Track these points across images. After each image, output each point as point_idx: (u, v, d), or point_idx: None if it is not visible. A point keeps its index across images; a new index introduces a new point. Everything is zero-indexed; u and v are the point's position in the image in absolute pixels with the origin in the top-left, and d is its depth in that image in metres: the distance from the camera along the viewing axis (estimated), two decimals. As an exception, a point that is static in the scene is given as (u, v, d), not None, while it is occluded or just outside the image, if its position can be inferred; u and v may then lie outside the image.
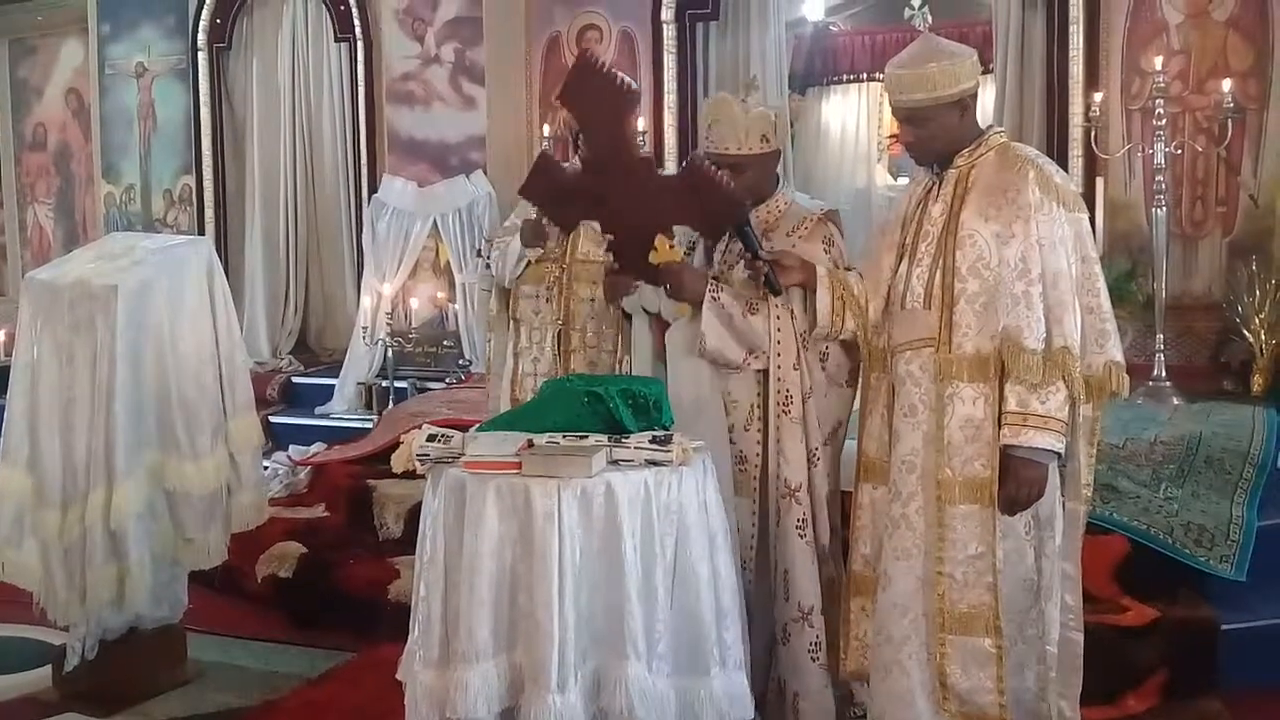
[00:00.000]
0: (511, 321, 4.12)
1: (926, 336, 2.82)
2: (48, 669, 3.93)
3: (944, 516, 2.78)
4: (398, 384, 6.95)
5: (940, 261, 2.81)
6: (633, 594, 2.54)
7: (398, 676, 2.74)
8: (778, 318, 3.05)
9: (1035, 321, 2.70)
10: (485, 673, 2.54)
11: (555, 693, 2.48)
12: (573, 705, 2.50)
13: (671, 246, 3.09)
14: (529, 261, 4.04)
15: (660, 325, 3.25)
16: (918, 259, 2.86)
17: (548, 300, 4.01)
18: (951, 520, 2.77)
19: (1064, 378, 2.68)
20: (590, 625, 2.55)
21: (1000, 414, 2.73)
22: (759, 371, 3.11)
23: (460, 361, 7.27)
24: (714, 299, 3.06)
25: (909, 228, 2.93)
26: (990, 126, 2.92)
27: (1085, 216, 2.84)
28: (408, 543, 3.98)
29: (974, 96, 2.88)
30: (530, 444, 2.67)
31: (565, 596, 2.50)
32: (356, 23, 7.95)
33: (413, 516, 4.53)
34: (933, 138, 2.83)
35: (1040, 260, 2.72)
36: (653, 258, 3.08)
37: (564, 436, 2.71)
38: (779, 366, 3.06)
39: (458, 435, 2.75)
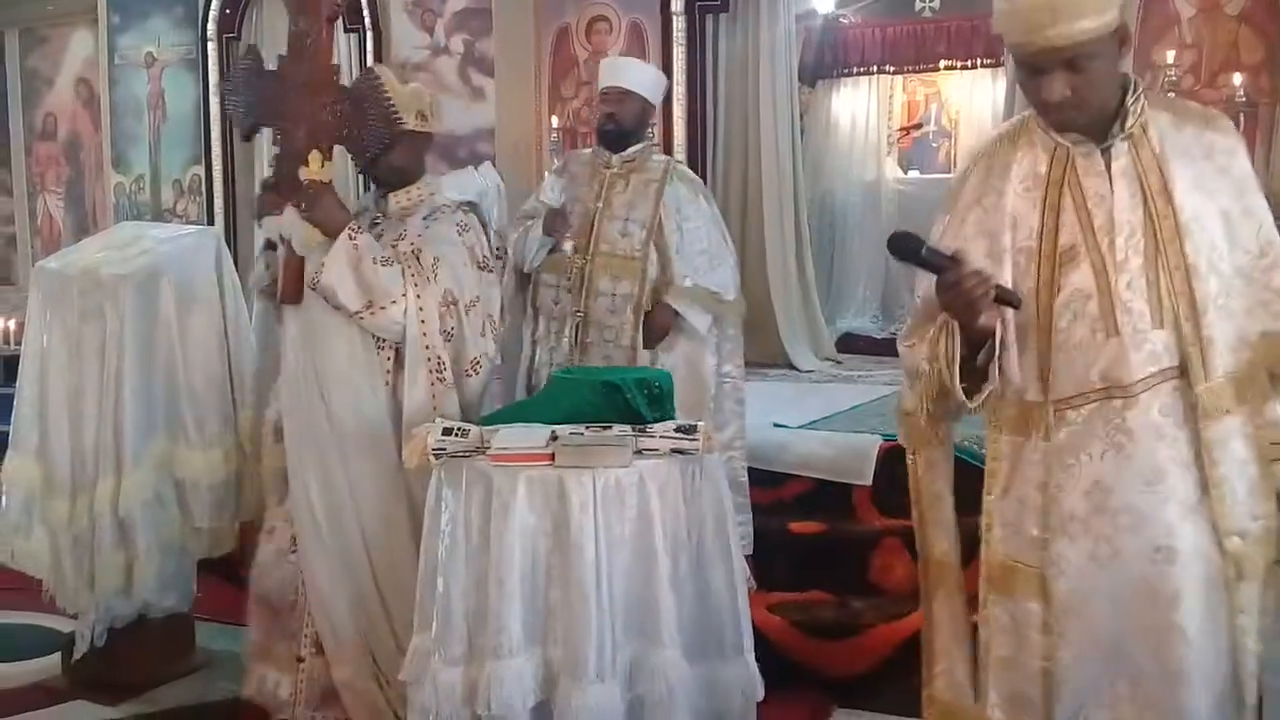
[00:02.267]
0: (530, 308, 4.11)
1: (1168, 366, 2.06)
2: (56, 656, 3.95)
3: (1240, 600, 2.06)
4: (405, 375, 6.95)
5: (1163, 259, 2.05)
6: (664, 582, 2.56)
7: (401, 677, 2.73)
8: (415, 283, 3.00)
9: None
10: (519, 667, 2.53)
11: (595, 683, 2.49)
12: (612, 695, 2.52)
13: (324, 164, 3.00)
14: (551, 249, 4.02)
15: (292, 267, 3.07)
16: (1121, 262, 2.05)
17: (568, 291, 3.98)
18: (1248, 602, 2.08)
19: None
20: (624, 614, 2.55)
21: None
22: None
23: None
24: (351, 235, 2.98)
25: (1053, 222, 2.10)
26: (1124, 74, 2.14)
27: None
28: (415, 533, 3.99)
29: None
30: (554, 436, 2.66)
31: (602, 587, 2.51)
32: (365, 13, 7.94)
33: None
34: (1098, 84, 2.03)
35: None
36: (303, 173, 2.99)
37: (587, 428, 2.70)
38: (425, 334, 3.02)
39: (474, 429, 2.74)
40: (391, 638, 3.03)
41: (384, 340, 3.06)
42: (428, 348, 3.02)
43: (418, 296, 2.99)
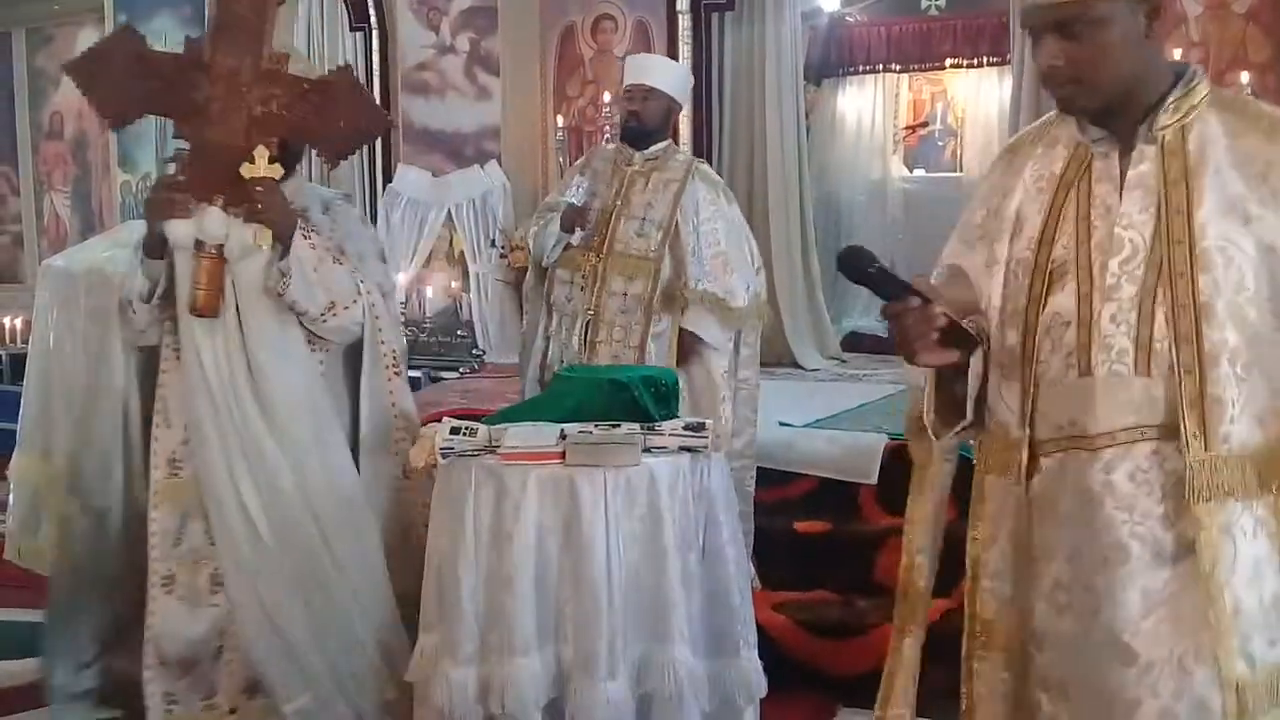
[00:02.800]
0: (545, 303, 4.11)
1: (1149, 423, 1.68)
2: (63, 654, 3.95)
3: None
4: (411, 373, 6.94)
5: (1166, 292, 1.67)
6: (675, 579, 2.57)
7: (408, 678, 2.73)
8: (361, 279, 2.88)
9: None
10: (531, 666, 2.54)
11: (606, 681, 2.49)
12: (622, 692, 2.53)
13: (273, 161, 2.71)
14: (567, 245, 4.01)
15: (215, 274, 2.74)
16: (1110, 287, 1.70)
17: (581, 289, 3.97)
18: None
19: None
20: (635, 612, 2.56)
21: None
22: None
23: (474, 351, 7.28)
24: (306, 235, 2.75)
25: (1052, 230, 1.77)
26: (1182, 63, 1.81)
27: None
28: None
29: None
30: (563, 435, 2.66)
31: (614, 585, 2.52)
32: (372, 12, 7.95)
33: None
34: (1102, 59, 1.68)
35: None
36: (246, 170, 2.68)
37: (595, 426, 2.71)
38: (380, 330, 2.94)
39: (482, 428, 2.73)
40: (363, 654, 2.89)
41: (315, 341, 2.90)
42: (383, 343, 2.95)
43: (368, 293, 2.88)
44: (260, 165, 2.70)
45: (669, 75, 4.09)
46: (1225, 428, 1.63)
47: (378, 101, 7.96)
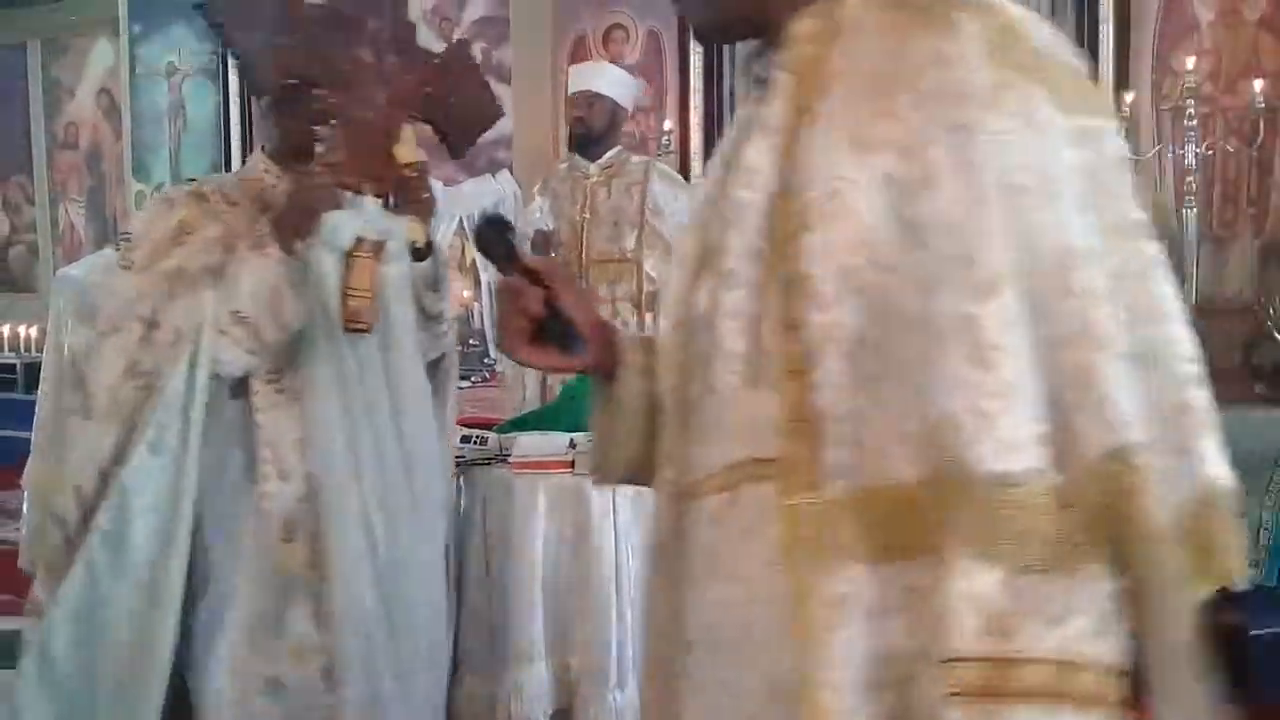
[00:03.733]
0: None
1: (761, 455, 1.07)
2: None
3: None
4: (423, 382, 6.99)
5: (770, 267, 1.08)
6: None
7: None
8: None
9: (1004, 395, 0.94)
10: (539, 674, 2.56)
11: (615, 690, 2.50)
12: (632, 701, 2.53)
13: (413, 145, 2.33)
14: None
15: (367, 272, 2.20)
16: (731, 272, 1.12)
17: None
18: None
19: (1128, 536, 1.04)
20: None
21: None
22: None
23: (485, 360, 7.29)
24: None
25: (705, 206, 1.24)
26: None
27: (1111, 127, 1.09)
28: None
29: None
30: (573, 444, 2.67)
31: (623, 593, 2.54)
32: (384, 22, 7.99)
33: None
34: None
35: (1008, 230, 0.95)
36: (401, 153, 2.27)
37: None
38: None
39: (493, 437, 2.74)
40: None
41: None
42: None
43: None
44: (408, 149, 2.30)
45: (611, 80, 4.16)
46: (835, 453, 1.02)
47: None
